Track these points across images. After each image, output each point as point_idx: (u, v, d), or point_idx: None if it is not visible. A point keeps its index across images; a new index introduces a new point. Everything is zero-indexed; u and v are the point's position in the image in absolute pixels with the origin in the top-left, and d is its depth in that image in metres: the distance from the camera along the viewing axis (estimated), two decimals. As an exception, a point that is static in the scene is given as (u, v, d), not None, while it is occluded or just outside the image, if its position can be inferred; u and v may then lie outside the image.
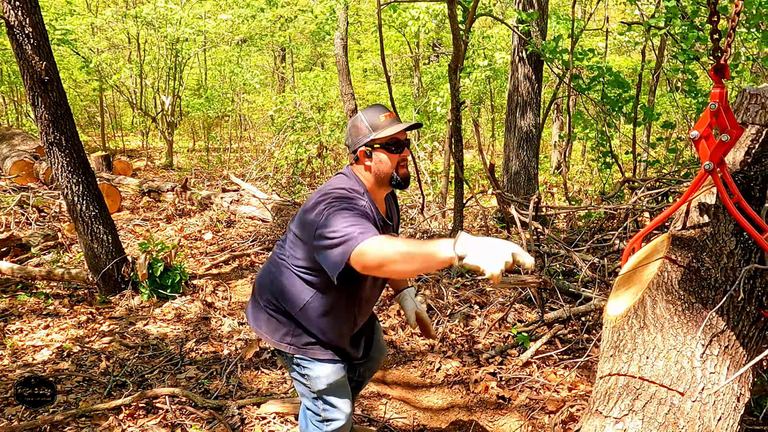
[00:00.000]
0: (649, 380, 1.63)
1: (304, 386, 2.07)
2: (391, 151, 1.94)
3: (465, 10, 5.18)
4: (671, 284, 1.70)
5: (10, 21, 3.84)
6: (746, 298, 1.64)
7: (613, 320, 1.77)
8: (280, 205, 6.98)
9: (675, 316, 1.66)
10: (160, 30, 11.26)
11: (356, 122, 2.01)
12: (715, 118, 1.56)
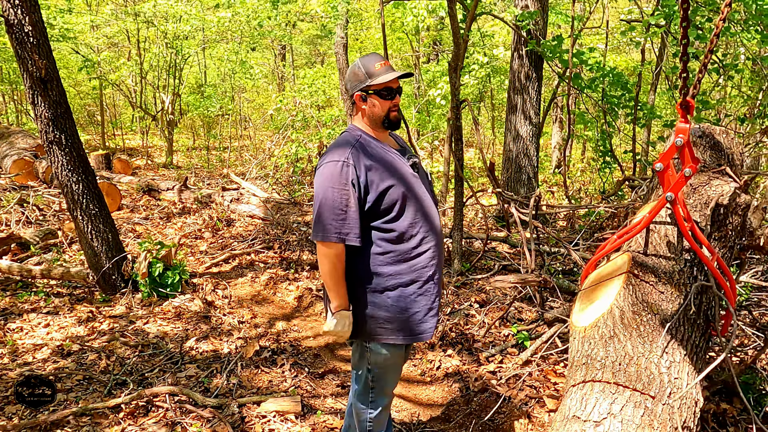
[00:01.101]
0: (624, 385, 1.72)
1: (363, 357, 2.23)
2: (383, 97, 2.13)
3: (465, 9, 5.18)
4: (636, 296, 1.84)
5: (9, 20, 3.84)
6: (697, 312, 1.81)
7: (582, 330, 1.86)
8: (279, 203, 6.98)
9: (641, 325, 1.79)
10: (159, 27, 11.25)
11: (354, 69, 2.17)
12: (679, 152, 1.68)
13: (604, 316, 1.82)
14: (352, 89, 2.18)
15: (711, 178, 2.03)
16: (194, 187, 8.26)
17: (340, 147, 2.10)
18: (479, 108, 15.64)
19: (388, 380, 2.28)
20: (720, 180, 2.02)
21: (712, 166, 2.10)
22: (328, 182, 2.00)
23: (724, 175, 2.03)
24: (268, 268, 5.56)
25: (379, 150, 2.14)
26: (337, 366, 3.73)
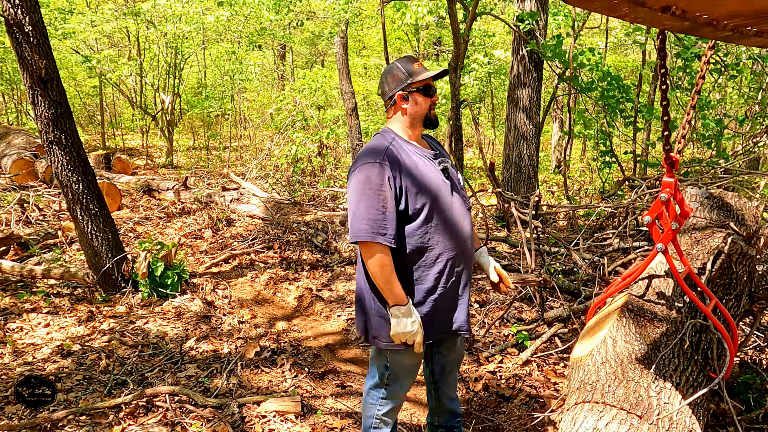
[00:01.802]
0: (611, 404, 1.82)
1: (382, 354, 2.25)
2: (425, 94, 2.19)
3: (465, 9, 5.18)
4: (629, 328, 1.93)
5: (9, 19, 3.84)
6: (693, 348, 1.88)
7: (579, 360, 1.96)
8: (279, 203, 6.98)
9: (633, 353, 1.88)
10: (159, 27, 11.25)
11: (393, 71, 2.22)
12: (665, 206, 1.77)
13: (598, 346, 1.92)
14: (392, 90, 2.21)
15: (714, 232, 2.14)
16: (194, 187, 8.26)
17: (375, 149, 2.10)
18: (479, 108, 15.64)
19: (403, 381, 2.30)
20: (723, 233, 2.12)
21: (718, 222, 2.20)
22: (365, 183, 2.02)
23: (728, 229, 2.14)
24: (268, 268, 5.56)
25: (412, 155, 2.15)
26: (337, 366, 3.73)
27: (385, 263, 2.01)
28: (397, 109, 2.21)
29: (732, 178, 5.01)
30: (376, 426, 2.37)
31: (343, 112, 9.89)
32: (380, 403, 2.34)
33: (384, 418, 2.36)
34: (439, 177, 2.16)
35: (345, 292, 5.03)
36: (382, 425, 2.37)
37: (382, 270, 2.00)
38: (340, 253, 5.81)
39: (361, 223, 1.99)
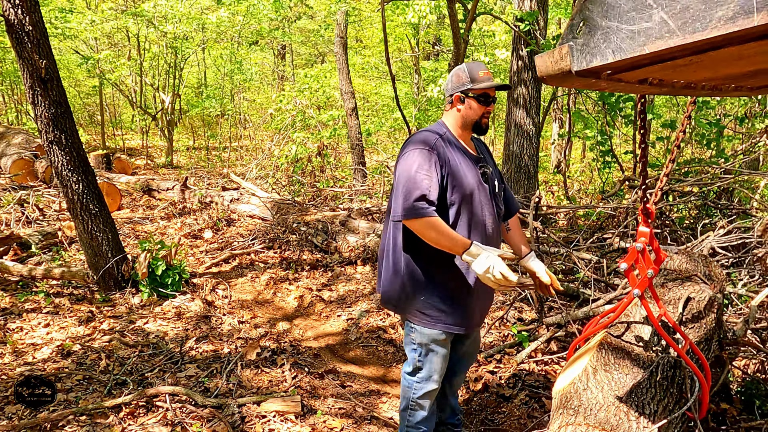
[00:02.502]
0: (593, 426, 1.91)
1: (410, 337, 2.40)
2: (480, 102, 2.29)
3: (465, 9, 5.17)
4: (608, 358, 2.08)
5: (10, 19, 3.84)
6: (669, 382, 2.00)
7: (561, 390, 2.06)
8: (279, 203, 6.98)
9: (612, 381, 2.00)
10: (159, 27, 11.25)
11: (459, 72, 2.33)
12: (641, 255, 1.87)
13: (580, 375, 2.04)
14: (452, 89, 2.33)
15: (684, 282, 2.42)
16: (194, 187, 8.26)
17: (427, 137, 2.24)
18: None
19: (434, 363, 2.39)
20: (692, 283, 2.41)
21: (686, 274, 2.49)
22: (415, 166, 2.14)
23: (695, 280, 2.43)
24: (268, 268, 5.56)
25: (458, 151, 2.29)
26: (337, 366, 3.73)
27: (439, 225, 2.11)
28: (453, 107, 2.34)
29: (732, 178, 5.01)
30: (412, 408, 2.48)
31: (342, 112, 9.89)
32: (415, 387, 2.44)
33: (420, 401, 2.45)
34: (476, 179, 2.28)
35: (345, 292, 5.03)
36: (417, 408, 2.47)
37: (440, 231, 2.11)
38: (340, 253, 5.81)
39: (410, 202, 2.10)
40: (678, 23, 0.86)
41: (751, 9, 0.78)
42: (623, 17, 0.93)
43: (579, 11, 1.01)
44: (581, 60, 1.00)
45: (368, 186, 8.88)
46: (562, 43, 1.03)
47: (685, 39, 0.85)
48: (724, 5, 0.81)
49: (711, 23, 0.82)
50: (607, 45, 0.96)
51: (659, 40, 0.88)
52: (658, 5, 0.89)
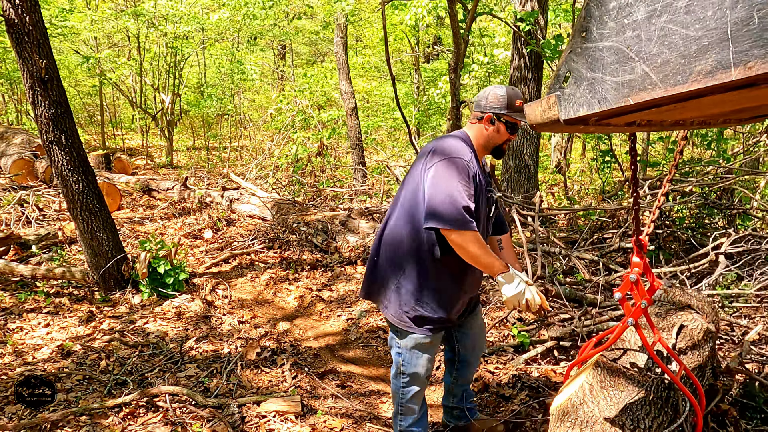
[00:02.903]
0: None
1: (395, 339, 2.43)
2: (508, 129, 2.33)
3: (465, 9, 5.17)
4: (603, 376, 2.14)
5: (10, 19, 3.84)
6: (663, 401, 2.07)
7: (558, 407, 2.11)
8: (279, 203, 6.98)
9: (608, 397, 2.06)
10: (159, 27, 11.25)
11: (498, 92, 2.35)
12: (635, 285, 1.93)
13: (576, 391, 2.11)
14: (487, 108, 2.34)
15: (677, 311, 2.55)
16: (194, 187, 8.25)
17: (462, 150, 2.26)
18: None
19: (418, 364, 2.40)
20: (685, 312, 2.54)
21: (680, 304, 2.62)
22: (457, 176, 2.16)
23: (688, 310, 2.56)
24: (268, 268, 5.56)
25: (480, 171, 2.35)
26: (337, 366, 3.73)
27: (482, 243, 2.15)
28: (481, 124, 2.36)
29: (735, 178, 5.01)
30: (402, 412, 2.49)
31: (342, 111, 9.89)
32: (402, 391, 2.45)
33: (408, 404, 2.47)
34: (485, 202, 2.37)
35: (345, 292, 5.03)
36: (408, 412, 2.48)
37: (482, 247, 2.14)
38: (340, 253, 5.81)
39: (457, 211, 2.10)
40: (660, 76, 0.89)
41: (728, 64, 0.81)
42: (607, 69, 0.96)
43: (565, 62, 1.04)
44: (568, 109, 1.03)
45: (368, 186, 8.88)
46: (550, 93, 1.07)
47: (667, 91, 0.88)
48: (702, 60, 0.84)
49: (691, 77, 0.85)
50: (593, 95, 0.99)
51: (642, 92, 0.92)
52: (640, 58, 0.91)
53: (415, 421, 2.52)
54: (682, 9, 0.86)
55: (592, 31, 0.99)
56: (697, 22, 0.84)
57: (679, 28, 0.86)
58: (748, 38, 0.79)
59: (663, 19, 0.89)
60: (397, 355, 2.42)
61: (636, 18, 0.92)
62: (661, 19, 0.89)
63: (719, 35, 0.82)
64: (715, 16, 0.82)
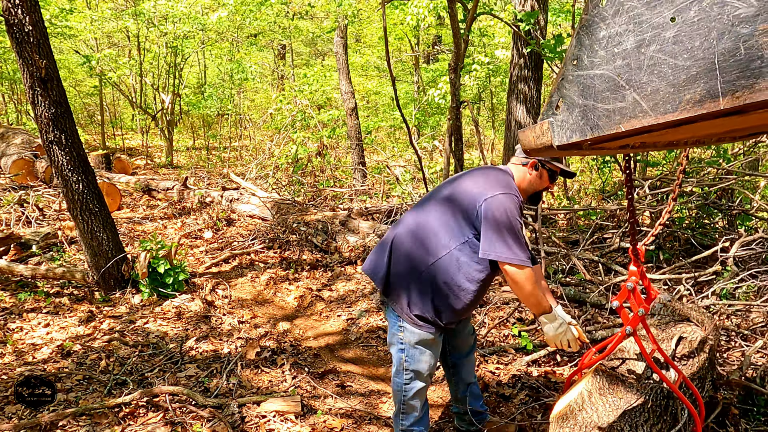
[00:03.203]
0: None
1: (397, 336, 2.42)
2: (550, 177, 2.42)
3: (466, 9, 5.17)
4: (602, 383, 2.19)
5: (10, 20, 3.84)
6: (662, 409, 2.11)
7: (558, 413, 2.16)
8: (279, 203, 6.98)
9: (607, 404, 2.10)
10: (159, 27, 11.25)
11: None
12: (632, 293, 1.97)
13: (576, 398, 2.16)
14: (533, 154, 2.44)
15: (676, 324, 2.62)
16: (194, 187, 8.26)
17: (512, 187, 2.34)
18: (479, 108, 15.65)
19: (421, 360, 2.40)
20: (684, 324, 2.61)
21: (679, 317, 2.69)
22: (514, 213, 2.23)
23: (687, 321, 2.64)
24: (268, 268, 5.56)
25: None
26: (337, 366, 3.73)
27: (535, 281, 2.23)
28: (525, 168, 2.43)
29: (735, 179, 5.01)
30: (404, 411, 2.49)
31: (342, 111, 9.89)
32: (404, 388, 2.45)
33: (411, 402, 2.46)
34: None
35: (345, 292, 5.03)
36: (409, 410, 2.48)
37: (535, 288, 2.21)
38: (340, 253, 5.81)
39: (516, 247, 2.19)
40: (650, 104, 0.91)
41: (716, 93, 0.83)
42: (598, 97, 0.98)
43: (557, 89, 1.06)
44: (561, 135, 1.05)
45: (368, 186, 8.88)
46: (543, 119, 1.09)
47: (657, 119, 0.90)
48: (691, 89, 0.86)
49: (680, 105, 0.87)
50: (585, 122, 1.01)
51: (634, 119, 0.94)
52: (631, 87, 0.94)
53: (417, 420, 2.52)
54: (671, 39, 0.88)
55: (583, 59, 1.01)
56: (686, 52, 0.86)
57: (667, 57, 0.89)
58: (735, 68, 0.81)
59: (652, 48, 0.91)
60: (400, 352, 2.42)
61: (626, 47, 0.94)
62: (650, 48, 0.91)
63: (707, 65, 0.84)
64: (702, 47, 0.84)
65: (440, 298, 2.33)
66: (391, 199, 8.18)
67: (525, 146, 1.18)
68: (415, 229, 2.36)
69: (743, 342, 3.52)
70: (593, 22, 0.99)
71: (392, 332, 2.45)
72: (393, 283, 2.39)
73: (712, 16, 0.83)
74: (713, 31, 0.83)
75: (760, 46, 0.79)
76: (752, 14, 0.79)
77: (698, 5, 0.85)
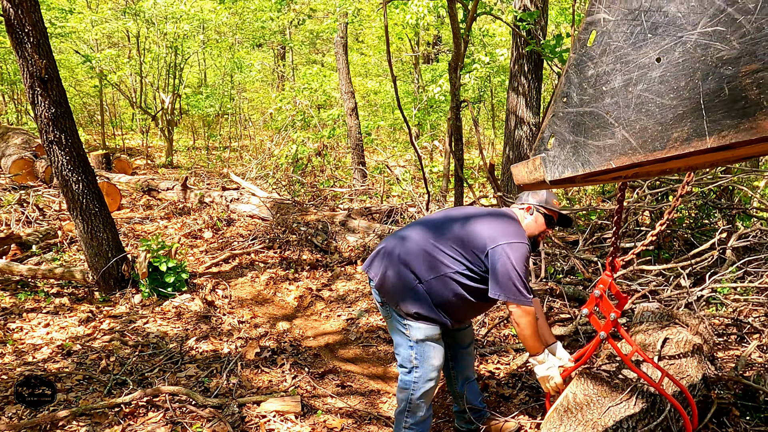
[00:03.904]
0: None
1: (404, 335, 2.47)
2: (545, 222, 2.57)
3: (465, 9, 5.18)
4: (587, 385, 2.25)
5: (9, 19, 3.84)
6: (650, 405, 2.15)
7: (545, 419, 2.22)
8: (279, 203, 6.98)
9: (592, 402, 2.17)
10: (159, 27, 11.25)
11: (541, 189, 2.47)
12: (600, 300, 2.03)
13: (561, 401, 2.22)
14: (528, 201, 2.59)
15: (663, 328, 2.69)
16: (194, 187, 8.26)
17: (522, 235, 2.45)
18: (479, 108, 15.65)
19: (432, 359, 2.45)
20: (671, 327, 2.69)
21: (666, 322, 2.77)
22: (523, 259, 2.35)
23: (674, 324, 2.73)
24: (268, 268, 5.56)
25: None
26: (337, 366, 3.73)
27: (535, 322, 2.36)
28: (526, 212, 2.59)
29: (732, 177, 5.01)
30: (410, 409, 2.50)
31: (342, 111, 9.89)
32: (413, 386, 2.47)
33: (419, 401, 2.48)
34: None
35: (345, 292, 5.03)
36: (416, 409, 2.49)
37: (532, 328, 2.34)
38: (340, 253, 5.81)
39: (523, 289, 2.32)
40: (639, 141, 0.94)
41: (703, 132, 0.86)
42: (589, 133, 1.01)
43: (548, 125, 1.09)
44: (554, 171, 1.08)
45: (368, 186, 8.88)
46: (535, 155, 1.12)
47: (647, 156, 0.93)
48: (678, 127, 0.88)
49: (669, 143, 0.90)
50: (576, 158, 1.04)
51: (624, 156, 0.96)
52: (620, 124, 0.96)
53: (421, 420, 2.52)
54: (657, 79, 0.90)
55: (573, 97, 1.03)
56: (672, 91, 0.89)
57: (654, 96, 0.91)
58: (720, 108, 0.84)
59: (639, 87, 0.93)
60: (409, 349, 2.46)
61: (613, 86, 0.97)
62: (637, 87, 0.93)
63: (693, 105, 0.87)
64: (688, 87, 0.87)
65: (439, 303, 2.44)
66: (390, 199, 8.18)
67: (518, 181, 1.21)
68: (424, 245, 2.47)
69: (742, 342, 3.52)
70: (581, 61, 1.01)
71: (398, 330, 2.49)
72: (394, 289, 2.45)
73: (696, 57, 0.86)
74: (698, 71, 0.86)
75: (743, 87, 0.81)
76: (735, 56, 0.82)
77: (682, 47, 0.87)
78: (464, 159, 6.44)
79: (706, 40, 0.85)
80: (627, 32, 0.94)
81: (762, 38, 0.80)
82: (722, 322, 3.71)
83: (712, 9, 0.84)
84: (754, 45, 0.81)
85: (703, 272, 4.27)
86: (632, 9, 0.93)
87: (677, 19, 0.88)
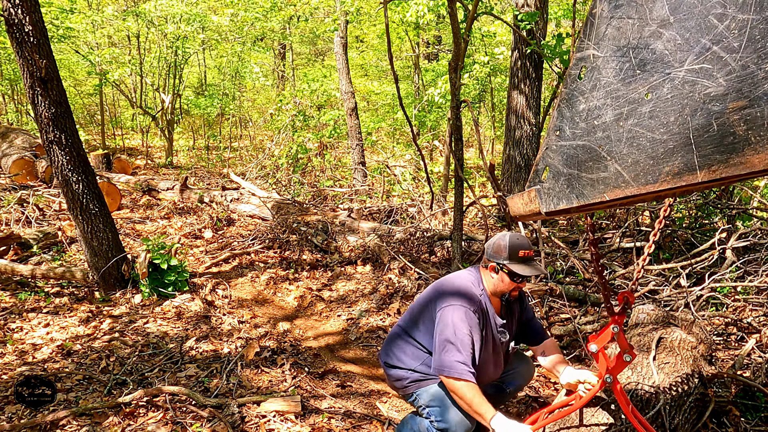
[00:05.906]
0: None
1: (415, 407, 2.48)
2: (512, 280, 2.35)
3: (466, 9, 5.17)
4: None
5: (9, 20, 3.84)
6: None
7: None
8: (280, 203, 6.98)
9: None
10: (160, 27, 11.25)
11: (501, 242, 2.37)
12: (616, 338, 1.94)
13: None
14: (491, 257, 2.38)
15: (658, 329, 2.70)
16: (194, 187, 8.26)
17: (470, 295, 2.34)
18: (479, 108, 15.65)
19: (451, 412, 2.33)
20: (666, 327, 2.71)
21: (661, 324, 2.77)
22: (461, 325, 2.24)
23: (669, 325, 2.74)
24: (268, 268, 5.56)
25: (490, 320, 2.40)
26: (337, 366, 3.73)
27: (474, 392, 2.16)
28: (488, 271, 2.41)
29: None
30: None
31: (342, 111, 9.88)
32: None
33: None
34: (495, 347, 2.44)
35: (345, 292, 5.03)
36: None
37: (471, 398, 2.15)
38: (340, 253, 5.81)
39: (456, 360, 2.19)
40: (631, 175, 0.95)
41: (693, 167, 0.87)
42: (582, 166, 1.02)
43: (542, 158, 1.10)
44: (549, 203, 1.09)
45: (368, 186, 8.88)
46: (530, 187, 1.13)
47: (639, 190, 0.95)
48: (669, 162, 0.90)
49: (660, 177, 0.92)
50: (570, 190, 1.05)
51: (617, 189, 0.98)
52: (612, 158, 0.98)
53: None
54: (647, 114, 0.92)
55: (566, 130, 1.04)
56: (662, 126, 0.90)
57: (645, 131, 0.92)
58: (709, 143, 0.85)
59: (630, 122, 0.94)
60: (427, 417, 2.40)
61: (605, 120, 0.98)
62: (628, 122, 0.95)
63: (683, 139, 0.88)
64: (677, 122, 0.88)
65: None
66: (391, 199, 8.19)
67: (514, 213, 1.21)
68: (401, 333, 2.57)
69: (742, 341, 3.52)
70: (573, 96, 1.02)
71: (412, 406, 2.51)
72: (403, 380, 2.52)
73: (684, 93, 0.87)
74: (686, 107, 0.87)
75: (731, 123, 0.83)
76: (721, 93, 0.84)
77: (671, 83, 0.89)
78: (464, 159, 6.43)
79: (693, 77, 0.86)
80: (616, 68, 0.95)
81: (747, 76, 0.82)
82: (722, 322, 3.71)
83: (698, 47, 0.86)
84: (740, 82, 0.82)
85: (703, 272, 4.28)
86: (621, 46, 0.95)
87: (665, 56, 0.89)
